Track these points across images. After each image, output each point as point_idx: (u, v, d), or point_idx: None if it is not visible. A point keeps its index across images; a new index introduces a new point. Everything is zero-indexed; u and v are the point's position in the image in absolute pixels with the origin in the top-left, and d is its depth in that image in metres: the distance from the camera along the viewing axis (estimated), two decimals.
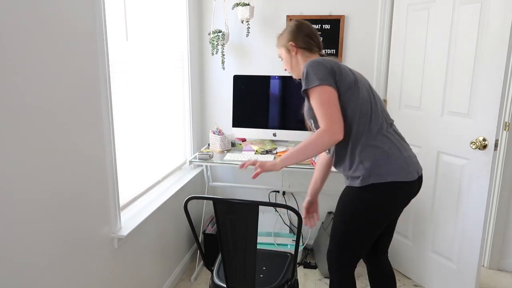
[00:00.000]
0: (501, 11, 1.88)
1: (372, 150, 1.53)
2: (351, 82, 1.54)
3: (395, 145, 1.56)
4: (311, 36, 1.69)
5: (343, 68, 1.56)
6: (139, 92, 2.02)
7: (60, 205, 1.37)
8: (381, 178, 1.51)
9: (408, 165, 1.55)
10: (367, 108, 1.55)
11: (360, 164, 1.54)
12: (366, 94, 1.57)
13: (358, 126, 1.54)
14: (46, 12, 1.26)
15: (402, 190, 1.55)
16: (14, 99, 1.15)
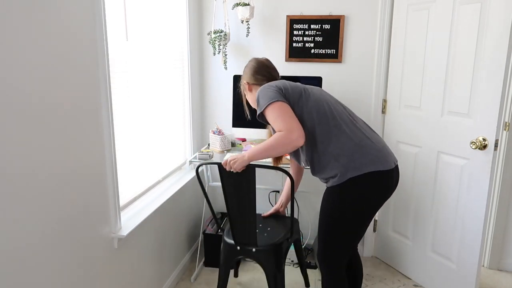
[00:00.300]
0: (501, 11, 1.89)
1: (344, 145, 1.57)
2: (299, 91, 1.66)
3: (366, 136, 1.60)
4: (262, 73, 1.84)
5: (289, 84, 1.69)
6: (139, 92, 2.02)
7: (60, 205, 1.37)
8: (358, 170, 1.54)
9: (383, 154, 1.58)
10: (323, 108, 1.62)
11: (335, 162, 1.57)
12: (319, 96, 1.66)
13: (321, 126, 1.59)
14: (46, 12, 1.26)
15: (381, 180, 1.57)
16: (14, 99, 1.15)
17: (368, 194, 1.57)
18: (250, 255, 1.94)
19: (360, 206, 1.58)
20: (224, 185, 1.83)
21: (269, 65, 1.89)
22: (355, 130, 1.60)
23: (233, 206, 1.86)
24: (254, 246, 1.92)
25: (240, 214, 1.86)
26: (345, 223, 1.61)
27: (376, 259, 2.85)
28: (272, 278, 1.92)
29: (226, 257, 2.01)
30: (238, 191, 1.81)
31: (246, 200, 1.81)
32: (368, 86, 2.66)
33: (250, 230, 1.88)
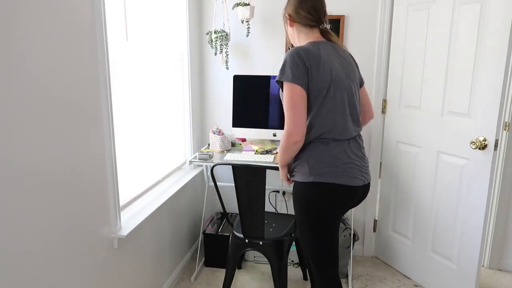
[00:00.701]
0: (501, 11, 1.89)
1: (319, 151, 1.56)
2: (322, 87, 1.53)
3: (346, 152, 1.57)
4: (310, 12, 1.61)
5: (322, 65, 1.52)
6: (139, 92, 2.02)
7: (60, 205, 1.37)
8: (321, 177, 1.54)
9: (353, 171, 1.56)
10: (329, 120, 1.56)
11: (304, 161, 1.58)
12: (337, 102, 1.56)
13: (316, 129, 1.56)
14: (46, 12, 1.26)
15: (341, 193, 1.56)
16: (14, 99, 1.15)
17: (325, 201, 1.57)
18: (257, 247, 2.12)
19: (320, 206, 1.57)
20: (237, 183, 2.00)
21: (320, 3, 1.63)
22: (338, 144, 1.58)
23: (244, 203, 2.04)
24: (261, 239, 2.10)
25: (250, 211, 2.04)
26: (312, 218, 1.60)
27: (376, 259, 2.85)
28: (277, 269, 2.08)
29: (234, 249, 2.17)
30: (249, 190, 1.99)
31: (256, 198, 2.00)
32: (368, 86, 2.66)
33: (258, 225, 2.06)
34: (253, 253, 2.74)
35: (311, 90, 1.53)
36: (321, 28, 1.65)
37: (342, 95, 1.57)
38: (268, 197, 2.91)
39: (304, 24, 1.63)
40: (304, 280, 2.55)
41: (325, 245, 1.64)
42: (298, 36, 1.67)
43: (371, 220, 2.85)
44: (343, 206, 1.61)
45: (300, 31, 1.65)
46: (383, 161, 2.74)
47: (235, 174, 1.98)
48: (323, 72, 1.52)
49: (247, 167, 1.98)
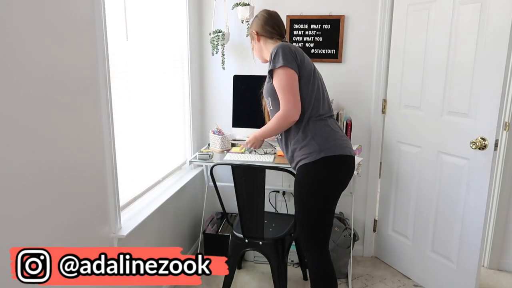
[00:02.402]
0: (501, 11, 1.88)
1: (322, 128, 1.74)
2: (310, 69, 1.76)
3: (338, 126, 1.82)
4: (273, 26, 1.89)
5: (305, 56, 1.77)
6: (139, 92, 2.02)
7: (60, 205, 1.37)
8: (331, 151, 1.70)
9: (347, 142, 1.79)
10: (320, 95, 1.77)
11: (312, 140, 1.71)
12: (319, 84, 1.79)
13: (312, 109, 1.74)
14: (46, 12, 1.26)
15: (347, 163, 1.75)
16: (14, 99, 1.15)
17: (337, 173, 1.73)
18: (257, 247, 2.12)
19: (331, 182, 1.73)
20: (236, 184, 2.01)
21: (280, 19, 1.94)
22: (331, 121, 1.80)
23: (244, 203, 2.04)
24: (261, 239, 2.10)
25: (249, 210, 2.04)
26: (320, 200, 1.74)
27: (376, 259, 2.85)
28: (276, 269, 2.09)
29: (234, 249, 2.19)
30: (248, 190, 2.00)
31: (255, 197, 2.00)
32: (368, 86, 2.66)
33: (258, 225, 2.06)
34: (253, 253, 2.74)
35: (303, 73, 1.72)
36: (283, 42, 1.88)
37: (321, 77, 1.85)
38: (268, 197, 2.91)
39: (270, 37, 1.88)
40: (304, 280, 2.55)
41: (330, 219, 1.79)
42: (266, 47, 1.90)
43: (371, 220, 2.85)
44: (349, 176, 1.78)
45: (267, 42, 1.89)
46: (383, 161, 2.74)
47: (234, 174, 1.98)
48: (306, 58, 1.77)
49: (246, 167, 1.98)
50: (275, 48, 1.71)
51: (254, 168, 1.96)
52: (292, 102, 1.67)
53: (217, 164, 2.11)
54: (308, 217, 1.76)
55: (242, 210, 2.05)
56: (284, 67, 1.67)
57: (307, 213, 1.76)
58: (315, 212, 1.74)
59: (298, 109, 1.69)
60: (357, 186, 2.79)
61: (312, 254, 1.81)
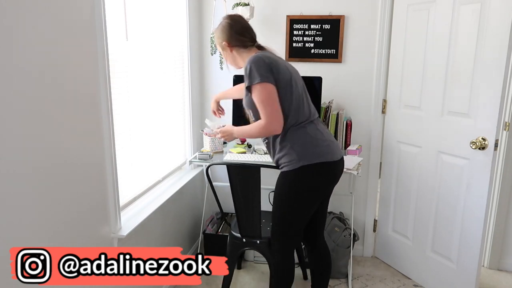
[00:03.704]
0: (501, 11, 1.88)
1: (301, 137, 1.73)
2: (288, 79, 1.73)
3: (319, 131, 1.78)
4: (243, 33, 1.81)
5: (281, 65, 1.73)
6: (139, 92, 2.02)
7: (60, 205, 1.37)
8: (310, 160, 1.70)
9: (331, 148, 1.76)
10: (299, 103, 1.75)
11: (291, 149, 1.72)
12: (298, 90, 1.76)
13: (291, 119, 1.73)
14: (46, 12, 1.26)
15: (328, 170, 1.76)
16: (14, 99, 1.15)
17: (316, 181, 1.75)
18: (255, 246, 2.14)
19: (309, 190, 1.76)
20: (232, 183, 1.99)
21: (247, 24, 1.87)
22: (311, 126, 1.77)
23: (240, 202, 2.03)
24: (258, 238, 2.10)
25: (246, 210, 2.04)
26: (296, 206, 1.79)
27: (376, 259, 2.85)
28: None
29: (232, 249, 2.19)
30: (244, 189, 1.99)
31: (251, 196, 1.99)
32: (368, 86, 2.65)
33: (255, 224, 2.07)
34: (253, 253, 2.74)
35: (280, 84, 1.70)
36: (256, 46, 1.86)
37: (300, 83, 1.81)
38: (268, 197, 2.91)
39: (243, 46, 1.82)
40: (304, 280, 2.55)
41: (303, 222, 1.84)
42: (241, 57, 1.84)
43: (371, 220, 2.85)
44: (331, 182, 1.82)
45: (240, 52, 1.83)
46: (383, 161, 2.74)
47: (230, 173, 1.98)
48: (282, 68, 1.73)
49: (241, 166, 2.00)
50: (248, 63, 1.68)
51: (249, 167, 1.97)
52: (274, 116, 1.67)
53: (213, 164, 2.11)
54: (280, 218, 1.84)
55: (238, 209, 2.06)
56: (261, 83, 1.65)
57: (281, 215, 1.83)
58: (287, 216, 1.82)
59: (280, 122, 1.68)
60: (357, 186, 2.79)
61: (279, 247, 1.89)
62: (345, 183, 2.77)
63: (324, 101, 2.63)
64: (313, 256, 2.05)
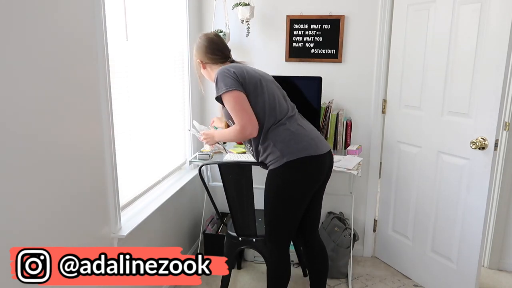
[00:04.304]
0: (501, 11, 1.88)
1: (281, 134, 1.76)
2: (256, 82, 1.78)
3: (301, 126, 1.81)
4: (214, 53, 1.90)
5: (247, 72, 1.79)
6: (139, 92, 2.02)
7: (60, 205, 1.37)
8: (294, 155, 1.73)
9: (315, 141, 1.78)
10: (273, 103, 1.79)
11: (273, 147, 1.76)
12: (271, 91, 1.81)
13: (269, 118, 1.77)
14: (45, 12, 1.26)
15: (313, 163, 1.77)
16: (14, 99, 1.15)
17: (301, 175, 1.77)
18: (251, 244, 2.16)
19: (296, 185, 1.78)
20: (224, 182, 2.00)
21: (220, 43, 1.93)
22: (292, 122, 1.80)
23: (234, 201, 2.04)
24: (254, 236, 2.12)
25: (240, 208, 2.05)
26: (285, 202, 1.81)
27: (376, 259, 2.85)
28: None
29: (229, 248, 2.21)
30: (237, 188, 1.99)
31: (245, 195, 2.00)
32: (368, 86, 2.65)
33: (250, 222, 2.08)
34: (253, 253, 2.74)
35: (248, 89, 1.75)
36: (229, 61, 1.93)
37: (272, 84, 1.86)
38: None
39: (214, 63, 1.90)
40: (304, 277, 2.55)
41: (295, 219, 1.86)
42: (213, 71, 1.90)
43: (371, 220, 2.85)
44: (318, 176, 1.82)
45: (213, 68, 1.91)
46: (383, 161, 2.74)
47: (222, 172, 2.00)
48: (249, 73, 1.79)
49: (232, 165, 2.01)
50: (215, 75, 1.76)
51: (240, 166, 1.98)
52: (246, 119, 1.71)
53: (205, 164, 2.12)
54: (272, 217, 1.86)
55: (233, 208, 2.06)
56: (228, 91, 1.71)
57: (272, 213, 1.85)
58: (279, 213, 1.84)
59: (254, 125, 1.72)
60: (357, 186, 2.79)
61: (272, 246, 1.92)
62: (345, 183, 2.77)
63: (324, 101, 2.63)
64: (308, 254, 2.07)
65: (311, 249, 2.05)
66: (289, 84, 2.55)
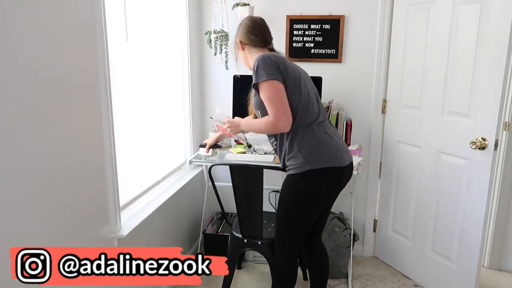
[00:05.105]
0: (501, 11, 1.88)
1: (308, 139, 1.70)
2: (295, 77, 1.71)
3: (328, 135, 1.75)
4: (255, 34, 1.83)
5: (288, 64, 1.71)
6: (139, 92, 2.02)
7: (59, 205, 1.37)
8: (316, 164, 1.68)
9: (340, 152, 1.73)
10: (307, 102, 1.72)
11: (298, 152, 1.70)
12: (307, 90, 1.74)
13: (299, 118, 1.70)
14: (45, 12, 1.26)
15: (335, 175, 1.73)
16: (14, 99, 1.15)
17: (321, 185, 1.73)
18: (256, 247, 2.13)
19: (314, 194, 1.75)
20: (234, 184, 1.99)
21: (263, 26, 1.88)
22: (321, 129, 1.74)
23: (242, 203, 2.03)
24: (259, 239, 2.10)
25: (248, 210, 2.03)
26: (301, 209, 1.77)
27: (376, 259, 2.85)
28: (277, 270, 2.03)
29: (233, 249, 2.19)
30: (246, 189, 1.99)
31: (253, 197, 1.98)
32: (368, 86, 2.65)
33: (256, 225, 2.06)
34: (253, 253, 2.75)
35: (288, 82, 1.68)
36: (268, 48, 1.86)
37: (310, 83, 1.79)
38: (268, 197, 2.91)
39: (253, 45, 1.84)
40: (304, 280, 2.55)
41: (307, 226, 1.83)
42: (251, 55, 1.85)
43: (371, 220, 2.85)
44: (337, 187, 1.80)
45: (251, 51, 1.85)
46: (383, 161, 2.74)
47: (232, 174, 1.98)
48: (290, 66, 1.71)
49: (244, 167, 1.99)
50: (255, 61, 1.68)
51: (252, 168, 1.96)
52: (282, 111, 1.64)
53: (216, 164, 2.11)
54: (285, 221, 1.83)
55: (240, 210, 2.05)
56: (268, 80, 1.63)
57: (285, 218, 1.82)
58: (293, 219, 1.81)
59: (288, 119, 1.65)
60: (357, 186, 2.79)
61: (282, 249, 1.89)
62: None
63: (324, 101, 2.63)
64: (310, 256, 2.05)
65: (313, 252, 2.03)
66: None
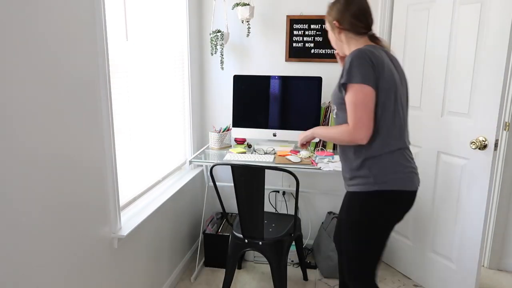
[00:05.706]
0: (501, 11, 1.88)
1: (381, 158, 1.50)
2: (390, 87, 1.48)
3: (405, 157, 1.54)
4: (358, 17, 1.55)
5: (386, 68, 1.47)
6: (139, 92, 2.02)
7: (60, 205, 1.37)
8: (387, 185, 1.49)
9: (412, 175, 1.54)
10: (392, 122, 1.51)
11: (367, 171, 1.51)
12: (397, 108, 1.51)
13: (378, 136, 1.50)
14: (45, 12, 1.26)
15: (405, 198, 1.55)
16: (13, 100, 1.15)
17: (390, 209, 1.54)
18: (257, 247, 2.12)
19: (383, 218, 1.55)
20: (236, 184, 2.00)
21: (368, 9, 1.57)
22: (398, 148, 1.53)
23: (243, 203, 2.03)
24: (260, 239, 2.09)
25: (249, 211, 2.03)
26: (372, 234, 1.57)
27: None
28: (276, 269, 2.10)
29: (234, 249, 2.18)
30: (248, 190, 1.99)
31: (255, 197, 1.99)
32: None
33: (257, 225, 2.06)
34: (253, 253, 2.75)
35: (380, 91, 1.46)
36: (369, 34, 1.59)
37: (402, 99, 1.54)
38: (268, 197, 2.91)
39: (353, 31, 1.56)
40: (304, 280, 2.55)
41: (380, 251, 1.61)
42: (348, 44, 1.60)
43: None
44: (405, 212, 1.58)
45: (349, 38, 1.59)
46: None
47: (234, 174, 1.99)
48: (388, 73, 1.47)
49: (246, 167, 1.98)
50: (351, 57, 1.45)
51: (253, 168, 1.96)
52: (363, 123, 1.43)
53: (217, 164, 2.10)
54: (357, 249, 1.60)
55: (241, 210, 2.05)
56: (361, 84, 1.42)
57: (357, 244, 1.59)
58: (364, 244, 1.58)
59: (368, 131, 1.44)
60: None
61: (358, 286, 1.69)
62: None
63: (324, 101, 2.63)
64: None
65: None
66: (289, 84, 2.56)
